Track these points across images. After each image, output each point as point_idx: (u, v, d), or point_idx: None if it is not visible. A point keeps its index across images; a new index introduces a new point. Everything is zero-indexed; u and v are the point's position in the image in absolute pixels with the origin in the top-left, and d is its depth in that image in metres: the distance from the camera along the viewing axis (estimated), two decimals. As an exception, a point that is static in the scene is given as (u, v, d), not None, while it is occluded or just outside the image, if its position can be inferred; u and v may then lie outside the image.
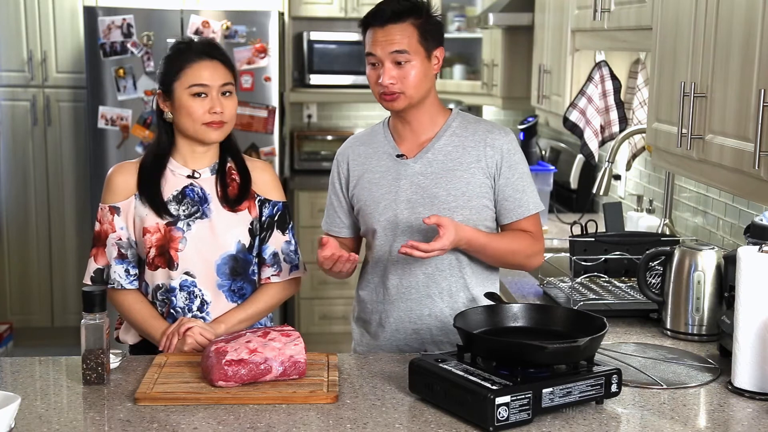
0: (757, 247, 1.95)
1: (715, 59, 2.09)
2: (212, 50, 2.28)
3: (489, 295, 2.19)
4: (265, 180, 2.36)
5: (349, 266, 2.21)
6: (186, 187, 2.28)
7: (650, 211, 3.51)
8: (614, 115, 3.37)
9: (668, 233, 3.13)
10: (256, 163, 2.38)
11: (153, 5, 4.94)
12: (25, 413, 1.83)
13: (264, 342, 1.99)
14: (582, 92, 3.40)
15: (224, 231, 2.27)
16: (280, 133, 5.11)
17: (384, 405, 1.88)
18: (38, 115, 5.22)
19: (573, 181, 3.82)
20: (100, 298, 1.98)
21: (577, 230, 2.83)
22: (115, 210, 2.28)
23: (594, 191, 3.21)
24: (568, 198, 4.36)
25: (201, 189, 2.29)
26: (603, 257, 2.75)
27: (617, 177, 3.90)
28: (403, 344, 2.34)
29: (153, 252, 2.26)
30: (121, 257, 2.29)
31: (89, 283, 2.28)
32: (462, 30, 5.52)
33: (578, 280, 2.75)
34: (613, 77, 3.36)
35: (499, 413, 1.72)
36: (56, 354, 2.25)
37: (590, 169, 3.95)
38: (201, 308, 2.28)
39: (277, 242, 2.35)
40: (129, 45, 4.85)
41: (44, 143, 5.25)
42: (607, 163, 3.13)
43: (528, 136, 4.17)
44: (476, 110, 5.73)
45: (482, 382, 1.76)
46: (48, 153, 5.26)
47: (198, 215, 2.27)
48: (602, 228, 2.99)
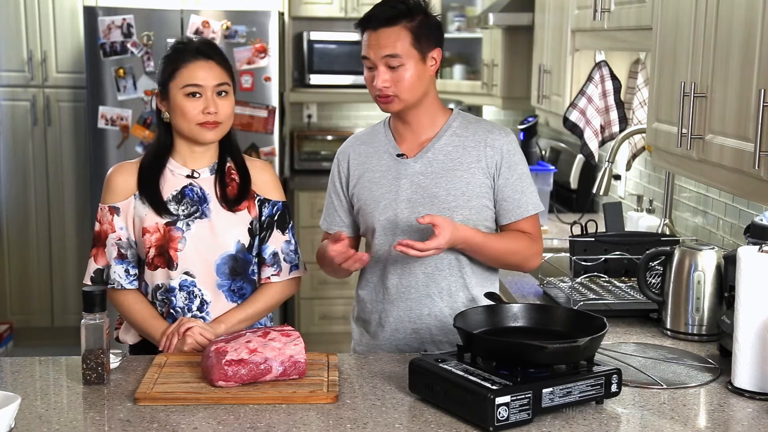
0: (757, 247, 1.95)
1: (715, 59, 2.09)
2: (207, 50, 2.27)
3: (489, 295, 2.19)
4: (265, 180, 2.35)
5: (358, 266, 2.22)
6: (185, 187, 2.28)
7: (650, 211, 3.51)
8: (614, 115, 3.36)
9: (668, 233, 3.13)
10: (256, 163, 2.38)
11: (153, 5, 4.94)
12: (25, 413, 1.83)
13: (264, 342, 1.99)
14: (582, 92, 3.40)
15: (224, 231, 2.27)
16: (280, 133, 5.11)
17: (384, 405, 1.88)
18: (38, 115, 5.22)
19: (573, 181, 3.81)
20: (100, 298, 1.98)
21: (577, 230, 2.83)
22: (115, 210, 2.28)
23: (594, 191, 3.21)
24: (568, 198, 4.36)
25: (200, 189, 2.29)
26: (603, 257, 2.75)
27: (617, 177, 3.90)
28: (403, 344, 2.34)
29: (152, 252, 2.25)
30: (121, 257, 2.28)
31: (89, 284, 2.28)
32: (462, 30, 5.52)
33: (578, 280, 2.75)
34: (613, 77, 3.36)
35: (499, 413, 1.72)
36: (56, 354, 2.25)
37: (590, 169, 3.95)
38: (201, 308, 2.28)
39: (277, 242, 2.34)
40: (129, 45, 4.85)
41: (44, 143, 5.25)
42: (607, 163, 3.13)
43: (528, 136, 4.16)
44: (476, 110, 5.72)
45: (482, 382, 1.76)
46: (48, 153, 5.26)
47: (197, 215, 2.27)
48: (602, 228, 2.99)
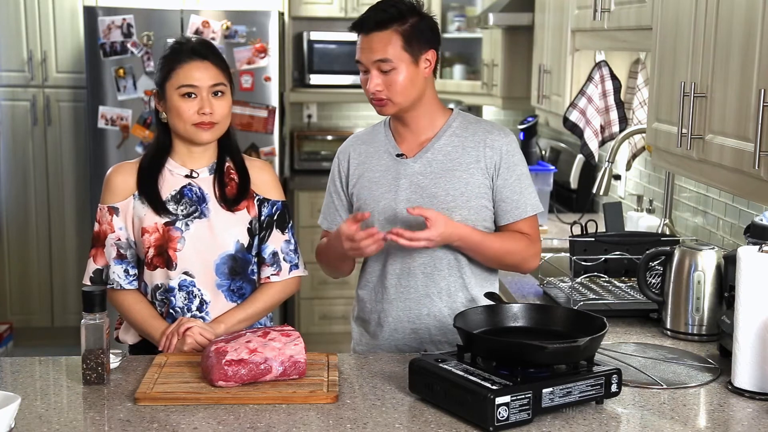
0: (757, 247, 1.95)
1: (715, 59, 2.09)
2: (203, 50, 2.26)
3: (489, 295, 2.19)
4: (264, 179, 2.35)
5: (375, 248, 2.16)
6: (184, 187, 2.28)
7: (650, 211, 3.51)
8: (614, 115, 3.36)
9: (668, 233, 3.13)
10: (255, 163, 2.38)
11: (153, 5, 4.94)
12: (25, 413, 1.83)
13: (264, 342, 1.99)
14: (582, 92, 3.39)
15: (223, 231, 2.27)
16: (280, 133, 5.11)
17: (384, 405, 1.88)
18: (38, 115, 5.22)
19: (573, 181, 3.81)
20: (100, 298, 1.98)
21: (577, 230, 2.83)
22: (114, 210, 2.28)
23: (594, 191, 3.20)
24: (568, 198, 4.36)
25: (199, 189, 2.29)
26: (603, 257, 2.74)
27: (617, 177, 3.90)
28: (402, 344, 2.33)
29: (151, 252, 2.25)
30: (120, 257, 2.28)
31: (89, 284, 2.28)
32: (462, 30, 5.52)
33: (578, 280, 2.75)
34: (613, 77, 3.35)
35: (499, 413, 1.72)
36: (56, 354, 2.25)
37: (590, 169, 3.95)
38: (200, 308, 2.28)
39: (277, 241, 2.34)
40: (129, 45, 4.85)
41: (44, 143, 5.25)
42: (607, 163, 3.13)
43: (528, 136, 4.16)
44: (476, 110, 5.72)
45: (482, 382, 1.76)
46: (48, 153, 5.26)
47: (196, 215, 2.27)
48: (602, 228, 2.99)
